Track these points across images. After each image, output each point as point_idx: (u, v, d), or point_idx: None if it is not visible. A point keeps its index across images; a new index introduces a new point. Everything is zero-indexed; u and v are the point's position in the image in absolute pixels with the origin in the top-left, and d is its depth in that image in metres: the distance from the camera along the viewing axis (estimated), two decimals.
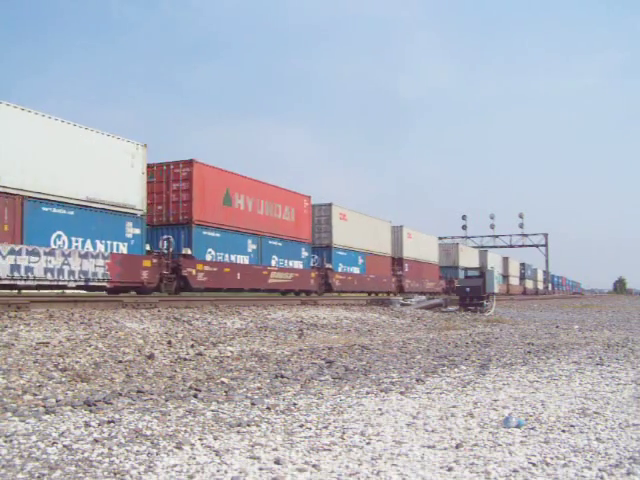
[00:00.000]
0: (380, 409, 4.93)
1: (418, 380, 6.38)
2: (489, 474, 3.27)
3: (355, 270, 31.45)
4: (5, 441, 3.75)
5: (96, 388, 5.66)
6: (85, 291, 16.44)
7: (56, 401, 4.98)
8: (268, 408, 4.93)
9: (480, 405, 5.13)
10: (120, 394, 5.33)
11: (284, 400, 5.29)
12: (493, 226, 74.75)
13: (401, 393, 5.65)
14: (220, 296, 19.43)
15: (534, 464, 3.46)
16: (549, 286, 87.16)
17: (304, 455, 3.61)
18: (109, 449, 3.63)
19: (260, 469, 3.33)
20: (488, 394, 5.65)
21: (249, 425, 4.34)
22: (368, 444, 3.86)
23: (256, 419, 4.54)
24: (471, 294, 21.54)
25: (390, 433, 4.15)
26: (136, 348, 8.07)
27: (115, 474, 3.19)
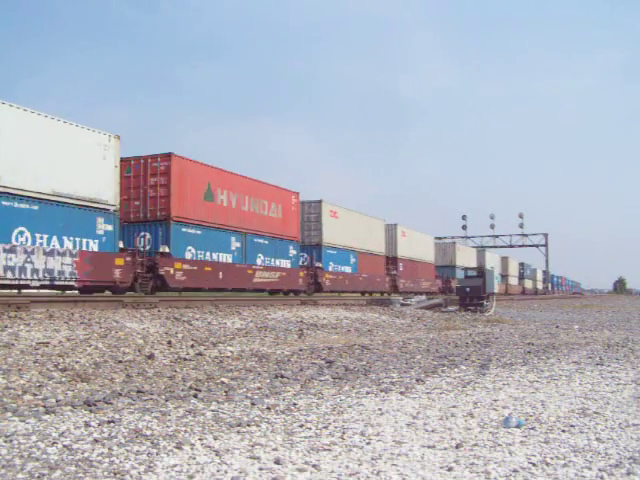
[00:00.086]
0: (380, 409, 4.93)
1: (418, 380, 6.38)
2: (489, 474, 3.27)
3: (347, 269, 30.56)
4: (5, 441, 3.75)
5: (96, 388, 5.66)
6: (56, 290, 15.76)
7: (56, 401, 4.98)
8: (268, 408, 4.94)
9: (480, 405, 5.13)
10: (120, 394, 5.33)
11: (284, 400, 5.29)
12: (493, 226, 74.78)
13: (401, 393, 5.65)
14: (220, 296, 19.15)
15: (534, 464, 3.46)
16: (549, 286, 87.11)
17: (304, 455, 3.61)
18: (109, 449, 3.63)
19: (260, 469, 3.33)
20: (488, 394, 5.65)
21: (249, 425, 4.34)
22: (368, 444, 3.86)
23: (256, 419, 4.54)
24: (471, 294, 21.54)
25: (390, 433, 4.15)
26: (136, 348, 8.07)
27: (115, 474, 3.19)
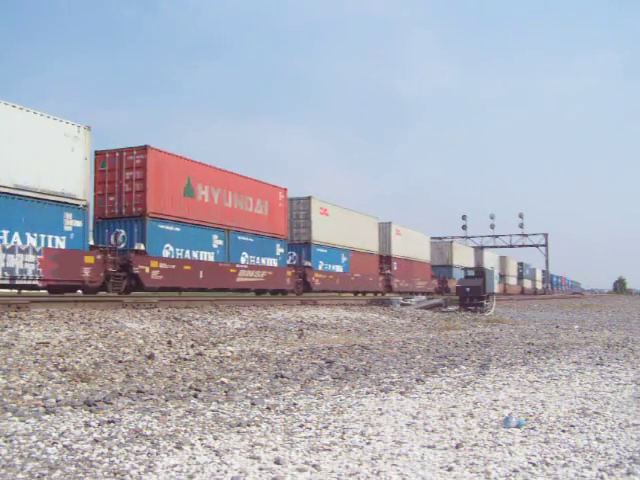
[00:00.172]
0: (380, 409, 4.93)
1: (418, 380, 6.38)
2: (489, 474, 3.27)
3: (337, 269, 29.35)
4: (5, 441, 3.75)
5: (96, 388, 5.66)
6: (16, 290, 15.00)
7: (56, 401, 4.98)
8: (268, 408, 4.94)
9: (480, 405, 5.13)
10: (120, 394, 5.33)
11: (284, 400, 5.29)
12: (493, 226, 74.69)
13: (401, 393, 5.65)
14: (219, 296, 18.98)
15: (534, 464, 3.46)
16: (548, 286, 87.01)
17: (304, 455, 3.61)
18: (109, 449, 3.63)
19: (260, 469, 3.33)
20: (488, 394, 5.65)
21: (249, 425, 4.34)
22: (368, 444, 3.86)
23: (256, 419, 4.54)
24: (471, 294, 21.54)
25: (390, 433, 4.15)
26: (136, 348, 8.07)
27: (115, 474, 3.19)
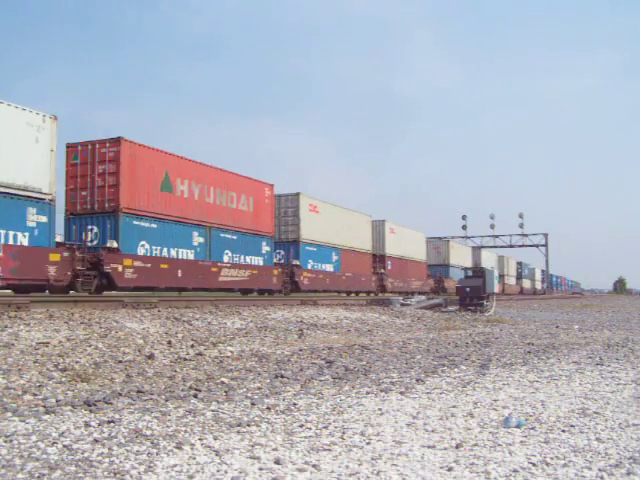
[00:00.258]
0: (380, 409, 4.93)
1: (418, 380, 6.38)
2: (489, 474, 3.27)
3: (328, 268, 28.26)
4: (5, 441, 3.75)
5: (96, 388, 5.66)
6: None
7: (56, 401, 4.98)
8: (268, 408, 4.94)
9: (480, 405, 5.13)
10: (120, 394, 5.33)
11: (284, 400, 5.29)
12: (493, 226, 74.74)
13: (401, 393, 5.65)
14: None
15: (534, 464, 3.46)
16: (547, 286, 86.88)
17: (304, 455, 3.61)
18: (109, 449, 3.63)
19: (260, 469, 3.33)
20: (488, 394, 5.65)
21: (249, 425, 4.34)
22: (368, 444, 3.86)
23: (256, 419, 4.54)
24: (471, 294, 21.54)
25: (390, 433, 4.15)
26: (136, 348, 8.07)
27: (115, 474, 3.19)
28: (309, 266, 26.60)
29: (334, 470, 3.33)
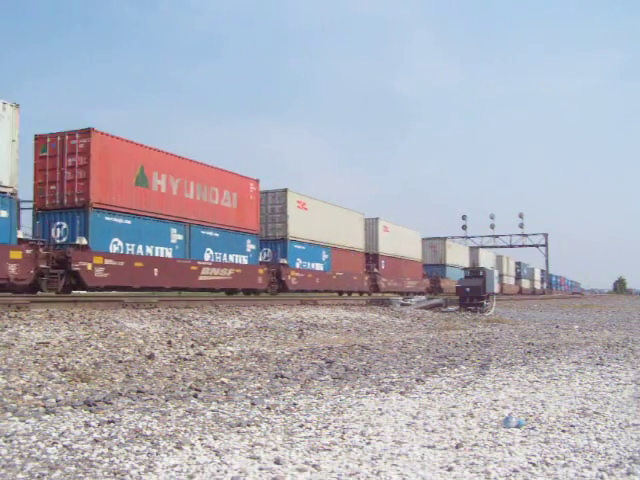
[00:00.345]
0: (380, 409, 4.93)
1: (418, 380, 6.38)
2: (489, 474, 3.27)
3: (318, 267, 27.09)
4: (5, 441, 3.75)
5: (96, 388, 5.66)
6: None
7: (56, 401, 4.98)
8: (268, 408, 4.94)
9: (480, 405, 5.13)
10: (120, 394, 5.33)
11: (284, 400, 5.29)
12: (493, 226, 74.70)
13: (401, 393, 5.65)
14: (215, 297, 18.59)
15: (534, 464, 3.46)
16: (545, 285, 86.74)
17: (304, 455, 3.61)
18: (109, 449, 3.63)
19: (260, 469, 3.33)
20: (488, 394, 5.65)
21: (249, 425, 4.34)
22: (368, 444, 3.86)
23: (256, 419, 4.54)
24: (471, 294, 21.55)
25: (390, 433, 4.15)
26: (136, 348, 8.07)
27: (115, 474, 3.19)
28: (297, 265, 25.57)
29: (334, 470, 3.33)
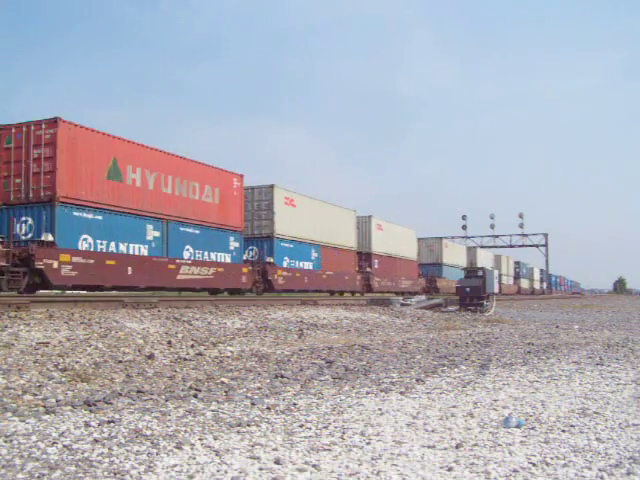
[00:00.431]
0: (380, 409, 4.93)
1: (418, 380, 6.38)
2: (489, 474, 3.27)
3: (307, 265, 26.24)
4: (5, 441, 3.75)
5: (96, 388, 5.66)
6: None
7: (56, 401, 4.97)
8: (268, 408, 4.94)
9: (480, 405, 5.13)
10: (120, 394, 5.33)
11: (284, 400, 5.29)
12: (493, 226, 74.84)
13: (401, 393, 5.65)
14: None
15: (534, 464, 3.46)
16: (545, 285, 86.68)
17: (304, 455, 3.61)
18: (109, 449, 3.63)
19: (260, 469, 3.33)
20: (488, 394, 5.65)
21: (249, 425, 4.34)
22: (368, 444, 3.86)
23: (256, 419, 4.54)
24: (471, 294, 21.54)
25: (390, 433, 4.15)
26: (136, 348, 8.07)
27: (115, 474, 3.19)
28: (285, 264, 24.67)
29: (334, 470, 3.33)
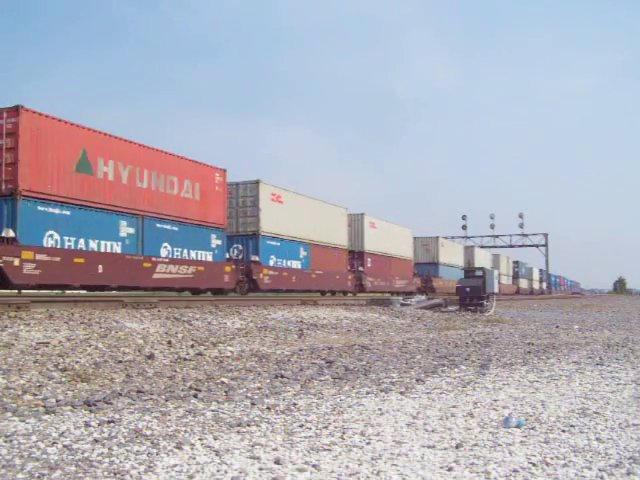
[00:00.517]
0: (380, 409, 4.93)
1: (418, 380, 6.38)
2: (489, 474, 3.27)
3: (295, 265, 25.31)
4: (5, 441, 3.75)
5: (96, 388, 5.66)
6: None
7: (56, 401, 4.97)
8: (268, 408, 4.94)
9: (480, 405, 5.13)
10: (120, 394, 5.33)
11: (284, 400, 5.29)
12: (493, 226, 74.97)
13: (401, 393, 5.65)
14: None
15: (534, 464, 3.46)
16: (544, 285, 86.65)
17: (304, 455, 3.61)
18: (109, 449, 3.63)
19: (260, 469, 3.33)
20: (488, 394, 5.65)
21: (249, 425, 4.34)
22: (368, 444, 3.86)
23: (256, 419, 4.54)
24: (471, 294, 21.54)
25: (390, 433, 4.15)
26: (136, 348, 8.07)
27: (115, 474, 3.19)
28: (271, 263, 23.72)
29: (334, 470, 3.33)
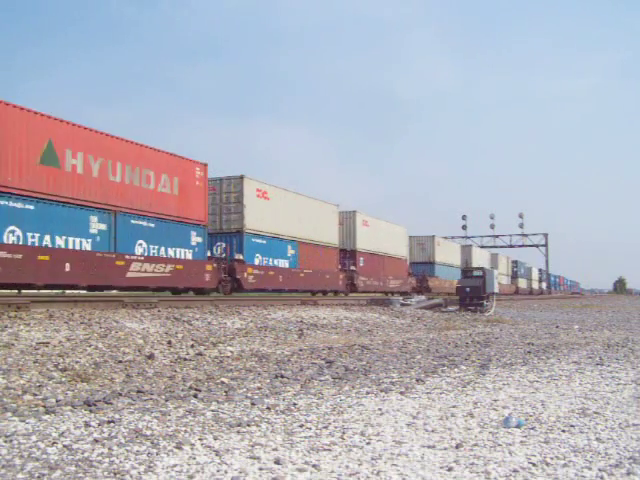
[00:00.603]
0: (380, 409, 4.93)
1: (418, 380, 6.38)
2: (489, 474, 3.27)
3: (282, 263, 24.38)
4: (5, 441, 3.75)
5: (96, 388, 5.66)
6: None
7: (56, 401, 4.97)
8: (268, 408, 4.94)
9: (480, 405, 5.13)
10: (120, 394, 5.33)
11: (284, 400, 5.29)
12: (493, 226, 74.98)
13: (401, 393, 5.65)
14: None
15: (534, 464, 3.46)
16: (544, 285, 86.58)
17: (304, 455, 3.61)
18: (109, 449, 3.63)
19: (260, 469, 3.33)
20: (488, 394, 5.65)
21: (249, 425, 4.34)
22: (368, 444, 3.86)
23: (256, 419, 4.54)
24: (471, 294, 21.55)
25: (390, 433, 4.15)
26: (136, 348, 8.07)
27: (115, 474, 3.19)
28: (257, 261, 22.75)
29: (334, 470, 3.33)
